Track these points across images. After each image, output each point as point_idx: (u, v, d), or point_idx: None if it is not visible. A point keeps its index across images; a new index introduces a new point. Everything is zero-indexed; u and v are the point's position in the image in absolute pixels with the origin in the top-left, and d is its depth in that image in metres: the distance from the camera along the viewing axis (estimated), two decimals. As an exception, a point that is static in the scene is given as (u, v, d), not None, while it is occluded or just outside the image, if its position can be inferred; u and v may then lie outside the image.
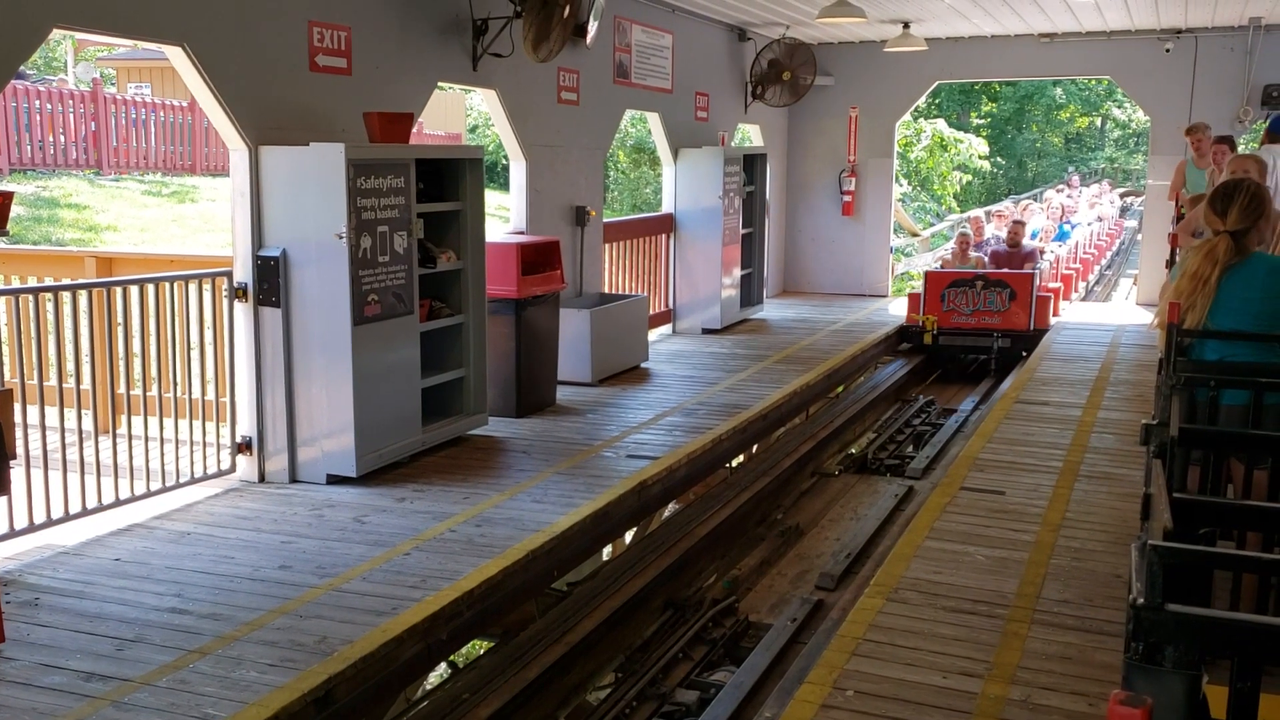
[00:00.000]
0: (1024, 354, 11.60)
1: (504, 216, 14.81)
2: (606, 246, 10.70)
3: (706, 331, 11.90)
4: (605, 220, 10.74)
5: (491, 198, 13.32)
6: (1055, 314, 13.24)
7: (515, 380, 8.04)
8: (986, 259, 13.00)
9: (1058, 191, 25.56)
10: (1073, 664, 4.17)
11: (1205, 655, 1.87)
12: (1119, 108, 40.55)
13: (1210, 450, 3.48)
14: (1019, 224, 13.42)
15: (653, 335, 11.13)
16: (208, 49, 5.89)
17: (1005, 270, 12.36)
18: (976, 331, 11.99)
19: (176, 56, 5.85)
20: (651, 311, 11.11)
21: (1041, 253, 13.60)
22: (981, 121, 38.28)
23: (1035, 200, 24.80)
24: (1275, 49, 12.65)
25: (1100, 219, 21.35)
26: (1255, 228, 4.42)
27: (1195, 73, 12.99)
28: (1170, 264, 8.13)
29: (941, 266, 13.27)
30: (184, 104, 18.53)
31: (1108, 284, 20.72)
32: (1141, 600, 1.86)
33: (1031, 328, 11.85)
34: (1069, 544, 5.47)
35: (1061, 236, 16.12)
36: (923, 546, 5.44)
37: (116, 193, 16.71)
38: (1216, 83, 12.85)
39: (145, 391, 6.86)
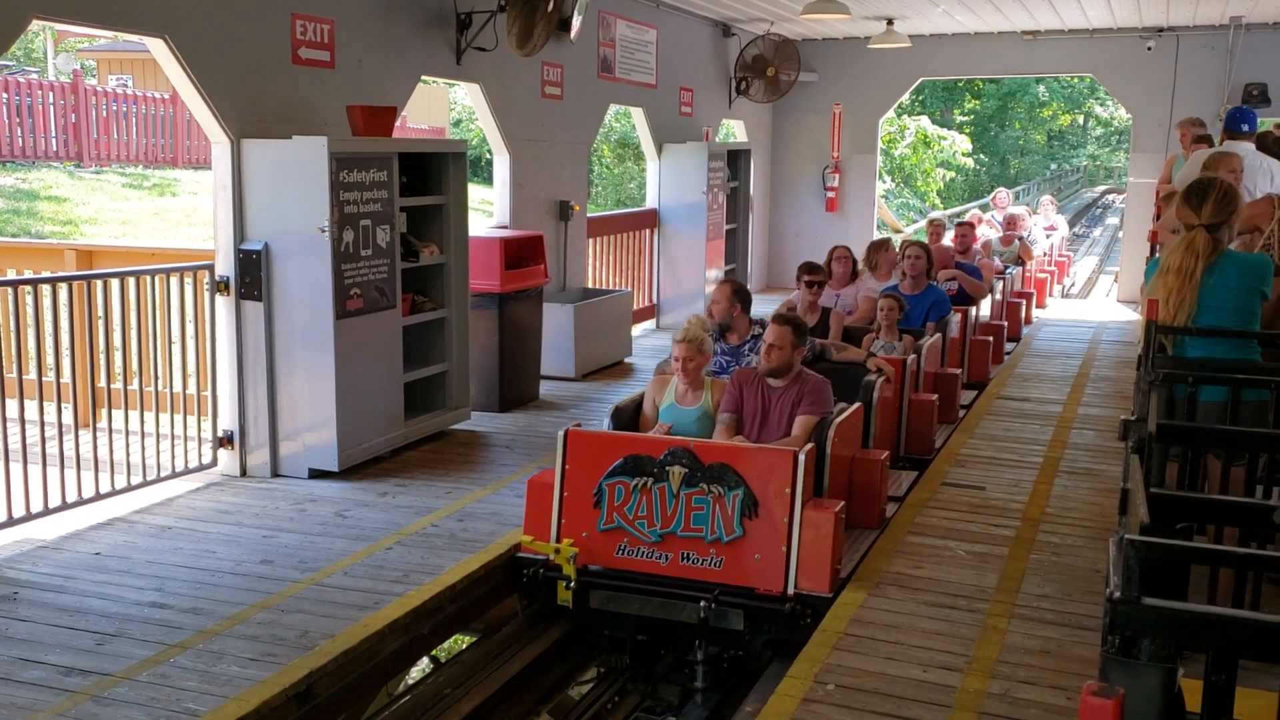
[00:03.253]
0: (792, 645, 4.53)
1: (487, 211, 14.79)
2: (590, 241, 10.69)
3: (690, 327, 11.88)
4: (589, 215, 10.73)
5: (475, 192, 13.32)
6: (1028, 320, 11.48)
7: (498, 375, 8.03)
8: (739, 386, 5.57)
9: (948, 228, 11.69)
10: (1052, 658, 4.20)
11: (1181, 649, 1.89)
12: (1101, 105, 40.78)
13: (1188, 446, 3.51)
14: (784, 327, 5.41)
15: (636, 330, 11.14)
16: (189, 41, 5.85)
17: (737, 441, 5.17)
18: (666, 585, 4.88)
19: (158, 48, 5.82)
20: (635, 306, 11.11)
21: (872, 367, 6.30)
22: (965, 118, 38.43)
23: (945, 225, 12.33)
24: (1256, 48, 12.73)
25: (1013, 264, 12.42)
26: (1227, 222, 4.47)
27: (1177, 71, 13.06)
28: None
29: (613, 416, 5.61)
30: (166, 96, 18.42)
31: (1090, 282, 20.60)
32: (1118, 594, 1.87)
33: (792, 589, 4.70)
34: (1049, 539, 5.51)
35: (925, 317, 7.97)
36: (904, 541, 5.46)
37: (97, 185, 16.61)
38: (1198, 81, 12.92)
39: (126, 385, 6.82)
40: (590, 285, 10.59)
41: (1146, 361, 4.05)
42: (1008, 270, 11.83)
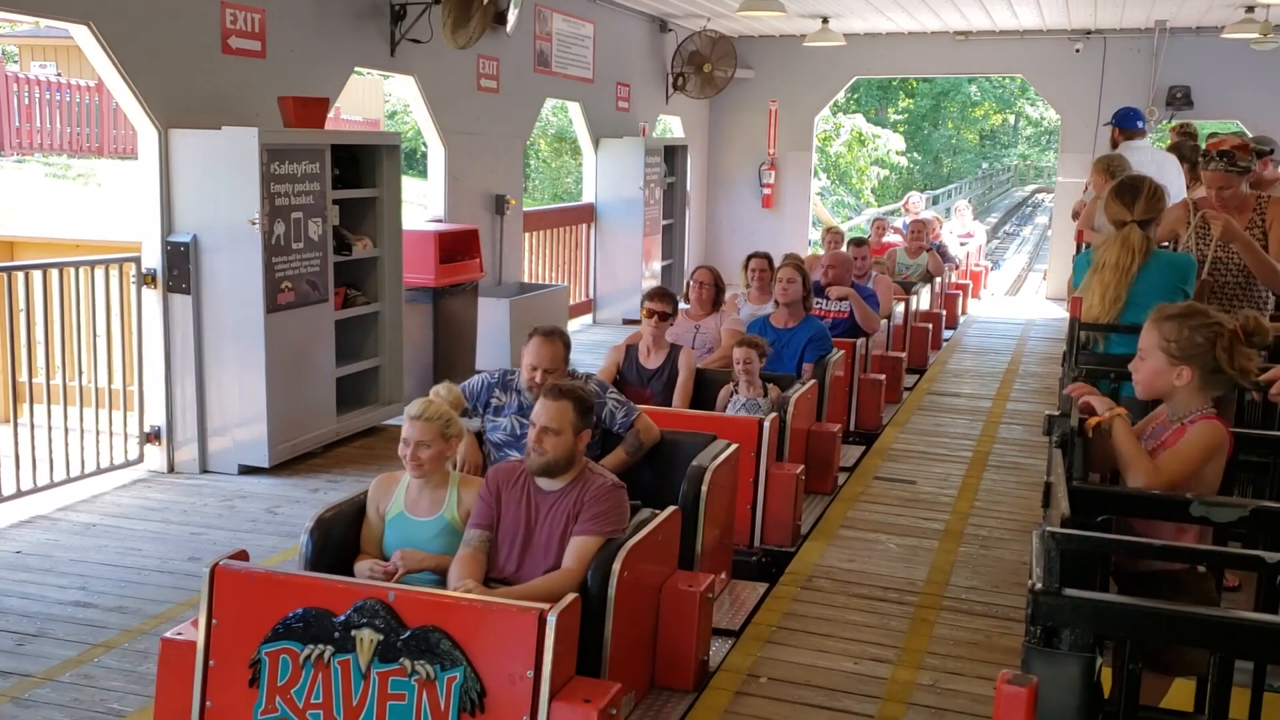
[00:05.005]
0: None
1: (422, 204, 14.66)
2: (526, 236, 10.66)
3: (627, 322, 11.91)
4: (525, 209, 10.69)
5: (410, 185, 13.17)
6: (935, 345, 10.10)
7: (432, 369, 7.97)
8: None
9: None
10: (979, 649, 4.28)
11: (1100, 638, 1.94)
12: (1031, 106, 41.48)
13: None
14: (562, 403, 3.60)
15: (573, 325, 11.12)
16: (115, 28, 5.73)
17: (462, 587, 3.36)
18: None
19: (82, 35, 5.69)
20: (572, 301, 11.10)
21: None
22: (899, 117, 38.88)
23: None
24: (1179, 51, 13.04)
25: (921, 280, 10.52)
26: (1155, 220, 4.57)
27: (1104, 73, 13.34)
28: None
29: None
30: (92, 84, 17.99)
31: (1019, 280, 20.88)
32: (1039, 585, 1.91)
33: None
34: (977, 532, 5.60)
35: (801, 358, 6.34)
36: (836, 535, 5.52)
37: (18, 174, 16.20)
38: (1124, 83, 13.20)
39: (49, 380, 6.66)
40: (526, 280, 10.55)
41: (1070, 358, 4.13)
42: (914, 288, 9.98)
